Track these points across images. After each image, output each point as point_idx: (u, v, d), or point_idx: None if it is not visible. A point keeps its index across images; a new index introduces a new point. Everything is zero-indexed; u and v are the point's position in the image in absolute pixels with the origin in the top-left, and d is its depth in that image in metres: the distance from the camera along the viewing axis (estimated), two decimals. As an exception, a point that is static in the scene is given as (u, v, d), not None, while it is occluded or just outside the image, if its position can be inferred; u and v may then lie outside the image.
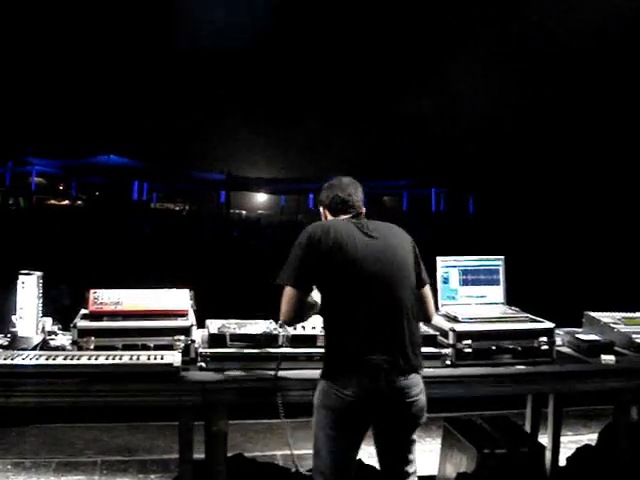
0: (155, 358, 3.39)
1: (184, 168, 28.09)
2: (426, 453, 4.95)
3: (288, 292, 3.09)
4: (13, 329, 3.75)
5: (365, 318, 3.00)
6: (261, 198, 39.91)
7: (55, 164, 24.42)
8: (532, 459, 3.94)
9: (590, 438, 4.97)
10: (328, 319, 3.12)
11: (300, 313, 3.14)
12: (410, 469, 3.12)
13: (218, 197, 30.41)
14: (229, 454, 4.22)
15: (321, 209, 3.43)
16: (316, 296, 3.17)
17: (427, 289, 3.31)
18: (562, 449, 4.42)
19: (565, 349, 4.09)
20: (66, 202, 32.72)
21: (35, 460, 4.65)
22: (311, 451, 3.19)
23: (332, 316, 3.09)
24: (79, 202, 32.29)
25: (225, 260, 14.76)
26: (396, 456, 3.12)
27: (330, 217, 3.35)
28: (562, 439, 4.47)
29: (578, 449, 4.45)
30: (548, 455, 4.20)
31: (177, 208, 40.08)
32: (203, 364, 3.49)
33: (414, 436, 3.13)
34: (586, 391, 3.87)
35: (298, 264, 3.09)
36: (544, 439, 4.28)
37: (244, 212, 39.79)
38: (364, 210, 3.35)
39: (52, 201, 33.03)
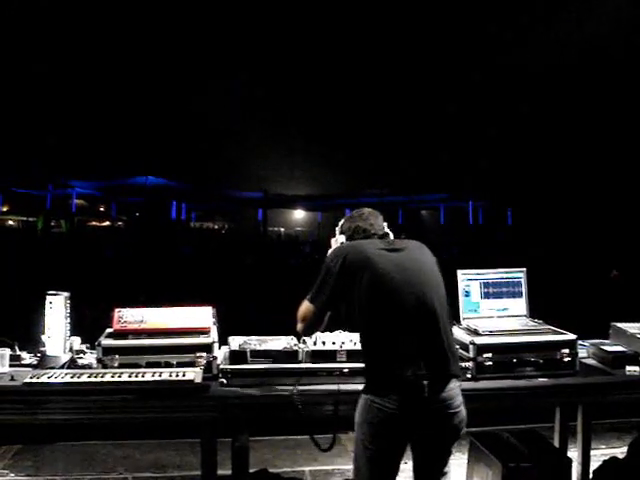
0: (177, 375, 3.45)
1: (221, 187, 28.38)
2: (455, 467, 4.91)
3: (310, 309, 3.18)
4: (42, 348, 3.85)
5: (401, 330, 3.01)
6: (298, 215, 40.04)
7: (94, 185, 24.89)
8: (558, 472, 3.88)
9: (623, 451, 4.89)
10: (364, 335, 3.12)
11: (316, 329, 3.29)
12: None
13: (256, 215, 30.64)
14: (255, 470, 4.27)
15: (343, 238, 3.43)
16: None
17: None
18: (594, 462, 4.37)
19: (590, 361, 4.05)
20: (107, 223, 33.26)
21: (67, 477, 4.72)
22: (335, 467, 3.21)
23: (368, 332, 3.10)
24: (119, 223, 32.79)
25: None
26: (433, 468, 3.12)
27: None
28: (594, 452, 4.42)
29: (605, 461, 4.38)
30: (578, 468, 4.16)
31: (216, 227, 40.45)
32: (224, 380, 3.54)
33: (452, 449, 3.13)
34: (611, 403, 3.81)
35: (327, 288, 3.14)
36: (575, 453, 4.23)
37: (282, 229, 39.99)
38: (391, 236, 3.38)
39: (93, 222, 33.61)
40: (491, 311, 4.11)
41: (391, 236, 3.38)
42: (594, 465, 4.36)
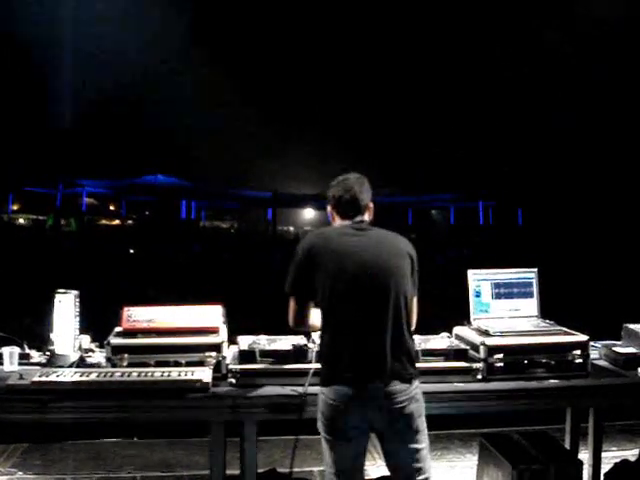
0: (186, 374, 3.44)
1: (231, 187, 28.42)
2: (467, 469, 4.91)
3: (290, 300, 3.27)
4: (51, 347, 3.84)
5: (351, 326, 3.08)
6: (308, 214, 40.05)
7: (104, 184, 24.95)
8: (569, 475, 3.85)
9: (634, 454, 4.85)
10: (322, 327, 3.21)
11: (300, 320, 3.29)
12: (418, 477, 3.11)
13: (265, 214, 30.68)
14: (263, 470, 4.25)
15: (328, 208, 3.45)
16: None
17: (413, 300, 3.29)
18: (605, 465, 4.34)
19: (602, 362, 4.01)
20: (117, 222, 33.37)
21: (76, 476, 4.72)
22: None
23: (324, 324, 3.18)
24: (129, 221, 32.89)
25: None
26: (400, 464, 3.14)
27: (337, 218, 3.38)
28: (605, 454, 4.38)
29: (616, 464, 4.35)
30: (589, 471, 4.12)
31: (225, 226, 40.53)
32: (233, 380, 3.52)
33: (417, 445, 3.11)
34: (622, 405, 3.78)
35: (294, 275, 3.22)
36: (586, 455, 4.20)
37: (292, 228, 40.02)
38: (371, 206, 3.36)
39: (103, 221, 33.73)
40: (502, 311, 4.08)
41: (366, 217, 3.33)
42: (605, 468, 4.33)
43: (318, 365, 3.52)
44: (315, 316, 3.28)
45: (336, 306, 3.11)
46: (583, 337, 3.78)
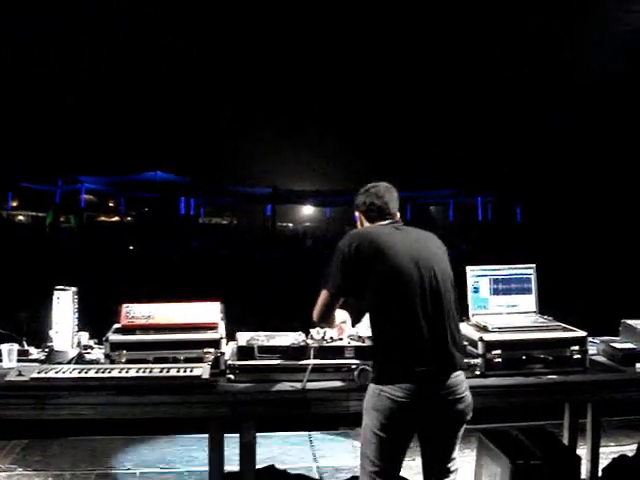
0: (185, 371, 3.44)
1: (230, 183, 28.41)
2: (465, 464, 4.89)
3: (325, 296, 3.23)
4: (49, 343, 3.84)
5: (410, 322, 3.05)
6: (307, 210, 40.06)
7: (103, 181, 24.93)
8: (568, 470, 3.86)
9: (632, 449, 4.86)
10: (375, 325, 3.17)
11: (331, 318, 3.33)
12: (452, 466, 3.15)
13: (264, 210, 30.67)
14: (262, 466, 4.26)
15: (357, 214, 3.48)
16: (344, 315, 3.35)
17: None
18: (603, 460, 4.35)
19: (600, 358, 4.01)
20: (116, 218, 33.36)
21: (75, 472, 4.73)
22: (343, 463, 3.20)
23: (378, 322, 3.14)
24: (129, 218, 32.88)
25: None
26: (440, 454, 3.16)
27: (366, 223, 3.40)
28: (603, 450, 4.40)
29: (614, 459, 4.36)
30: (587, 466, 4.13)
31: (225, 222, 40.52)
32: (232, 376, 3.52)
33: (459, 434, 3.15)
34: (620, 400, 3.78)
35: (340, 273, 3.19)
36: (584, 450, 4.21)
37: (291, 225, 40.02)
38: (399, 215, 3.41)
39: (102, 218, 33.73)
40: (500, 307, 4.08)
41: (397, 216, 3.39)
42: (603, 463, 4.35)
43: (317, 361, 3.54)
44: (337, 314, 3.35)
45: (393, 303, 3.09)
46: (581, 333, 3.78)
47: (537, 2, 25.97)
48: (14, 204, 31.80)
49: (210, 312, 3.86)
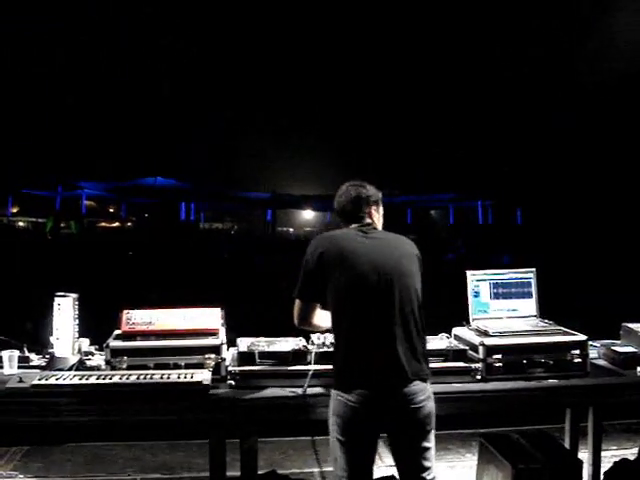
0: (185, 377, 3.44)
1: (230, 188, 28.42)
2: (466, 469, 4.91)
3: (296, 303, 3.31)
4: (50, 350, 3.84)
5: (363, 330, 3.10)
6: (307, 215, 40.06)
7: (104, 187, 24.95)
8: (569, 474, 3.85)
9: (634, 452, 4.86)
10: (334, 330, 3.22)
11: (306, 322, 3.33)
12: (427, 476, 3.14)
13: (265, 216, 30.68)
14: (264, 471, 4.25)
15: (336, 217, 3.53)
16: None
17: None
18: (605, 464, 4.33)
19: (601, 362, 4.01)
20: (117, 224, 33.36)
21: (76, 478, 4.73)
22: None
23: (337, 327, 3.19)
24: (129, 224, 32.87)
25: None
26: (411, 464, 3.16)
27: (343, 226, 3.42)
28: (604, 453, 4.38)
29: (615, 463, 4.35)
30: (589, 470, 4.12)
31: (225, 227, 40.52)
32: (232, 382, 3.53)
33: (428, 444, 3.14)
34: (622, 404, 3.78)
35: (303, 279, 3.27)
36: (585, 454, 4.20)
37: (291, 229, 40.02)
38: (375, 209, 3.43)
39: (103, 223, 33.72)
40: (501, 312, 4.09)
41: (372, 218, 3.40)
42: (605, 467, 4.33)
43: (317, 367, 3.54)
44: (320, 317, 3.33)
45: (350, 310, 3.13)
46: (582, 337, 3.79)
47: (537, 2, 26.00)
48: (14, 210, 31.82)
49: (211, 318, 3.86)
